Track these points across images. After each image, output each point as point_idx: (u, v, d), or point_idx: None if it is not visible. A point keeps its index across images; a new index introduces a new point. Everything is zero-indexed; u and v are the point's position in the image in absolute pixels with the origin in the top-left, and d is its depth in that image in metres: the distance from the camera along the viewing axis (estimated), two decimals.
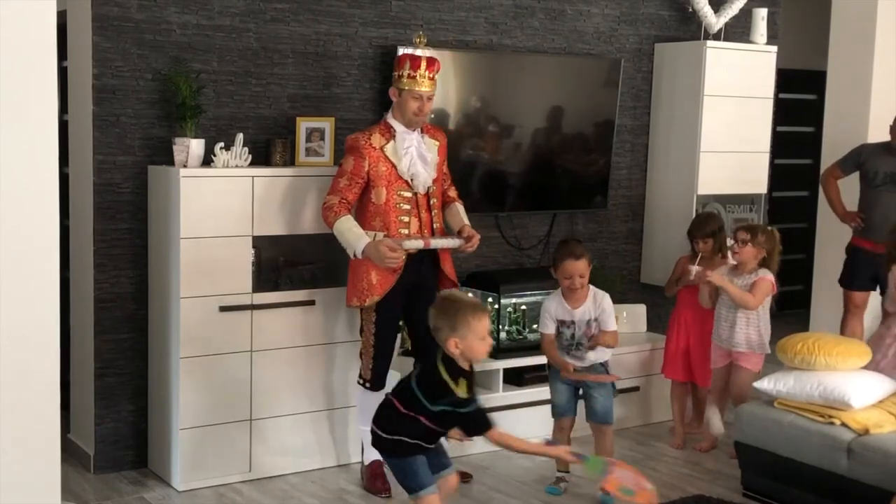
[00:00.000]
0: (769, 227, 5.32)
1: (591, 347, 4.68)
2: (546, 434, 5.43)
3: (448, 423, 3.70)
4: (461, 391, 3.61)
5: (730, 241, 5.40)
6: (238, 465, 4.80)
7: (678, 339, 5.53)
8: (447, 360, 3.65)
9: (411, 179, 4.58)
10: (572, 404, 4.81)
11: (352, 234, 4.50)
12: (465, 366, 3.65)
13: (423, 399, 3.65)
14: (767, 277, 5.16)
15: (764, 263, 5.19)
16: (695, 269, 5.36)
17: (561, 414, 4.81)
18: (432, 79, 4.57)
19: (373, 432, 3.82)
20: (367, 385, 4.67)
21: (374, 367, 4.65)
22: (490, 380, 5.33)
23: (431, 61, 4.57)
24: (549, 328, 4.75)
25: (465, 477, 4.87)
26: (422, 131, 4.67)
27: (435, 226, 4.69)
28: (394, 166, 4.56)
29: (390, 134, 4.58)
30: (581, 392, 4.79)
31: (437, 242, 4.65)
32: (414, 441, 3.72)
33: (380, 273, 4.53)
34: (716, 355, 5.32)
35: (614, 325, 4.76)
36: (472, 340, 3.60)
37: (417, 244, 4.56)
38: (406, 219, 4.58)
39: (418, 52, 4.59)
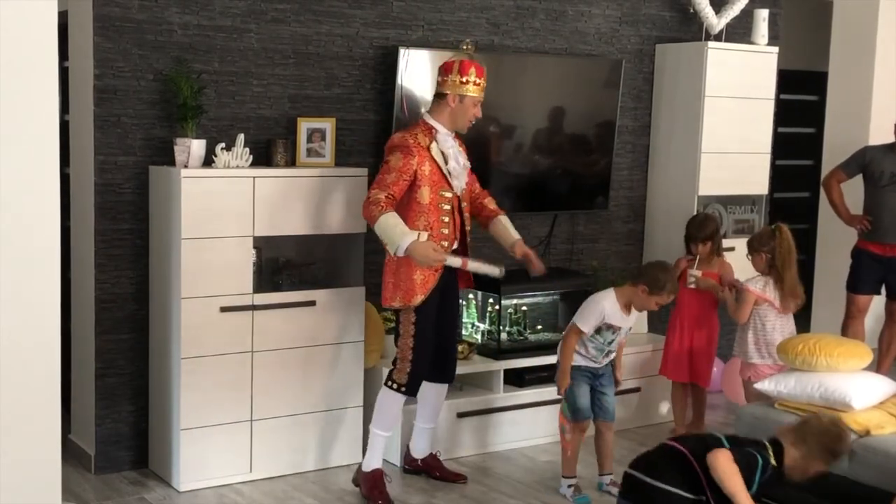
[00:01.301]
0: (770, 227, 5.29)
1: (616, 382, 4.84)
2: (546, 434, 5.45)
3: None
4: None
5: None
6: (239, 466, 4.80)
7: (680, 339, 5.52)
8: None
9: (454, 179, 4.58)
10: (591, 405, 4.81)
11: (398, 231, 4.38)
12: None
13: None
14: (749, 289, 5.17)
15: (773, 263, 5.17)
16: (694, 274, 5.36)
17: (584, 416, 4.75)
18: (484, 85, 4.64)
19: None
20: (403, 390, 4.58)
21: (412, 370, 4.55)
22: (491, 381, 5.33)
23: (482, 69, 4.63)
24: (589, 327, 4.63)
25: (458, 478, 4.87)
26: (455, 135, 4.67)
27: (467, 228, 4.69)
28: (437, 167, 4.53)
29: (432, 135, 4.56)
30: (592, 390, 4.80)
31: (473, 266, 4.59)
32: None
33: (423, 272, 4.48)
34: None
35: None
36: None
37: (456, 262, 4.53)
38: (447, 219, 4.57)
39: (473, 58, 4.63)
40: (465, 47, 4.71)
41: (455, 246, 4.64)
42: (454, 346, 4.85)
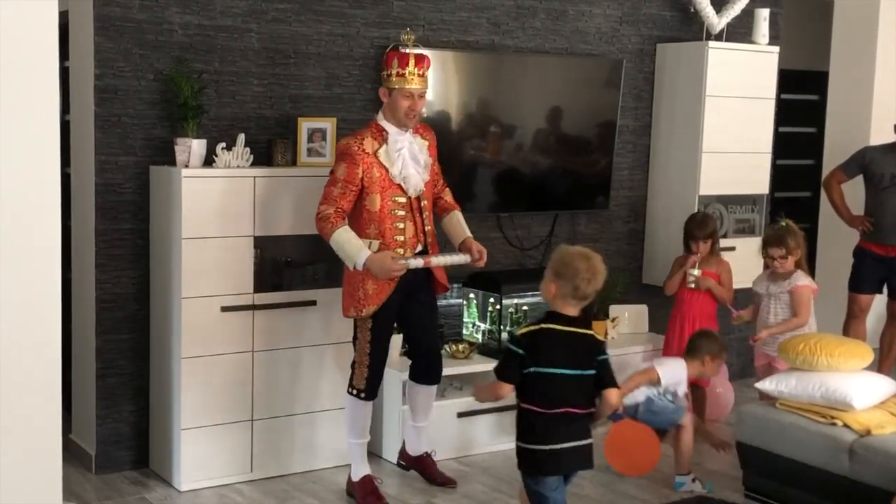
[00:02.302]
0: (784, 224, 5.19)
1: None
2: None
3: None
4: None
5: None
6: (239, 466, 4.80)
7: (679, 339, 5.51)
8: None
9: (403, 183, 4.44)
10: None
11: (351, 246, 4.32)
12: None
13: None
14: (804, 287, 5.08)
15: (800, 257, 5.15)
16: (694, 273, 5.35)
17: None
18: (422, 75, 4.41)
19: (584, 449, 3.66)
20: (362, 395, 4.54)
21: (369, 376, 4.52)
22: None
23: (420, 58, 4.42)
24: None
25: (448, 483, 4.83)
26: (413, 131, 4.51)
27: (427, 228, 4.55)
28: (387, 171, 4.41)
29: (382, 137, 4.42)
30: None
31: (438, 261, 4.51)
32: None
33: (376, 283, 4.40)
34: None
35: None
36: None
37: (418, 263, 4.42)
38: (401, 225, 4.45)
39: (406, 51, 4.43)
40: (404, 37, 4.52)
41: (419, 248, 4.53)
42: (436, 348, 4.77)
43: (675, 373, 4.83)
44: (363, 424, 4.60)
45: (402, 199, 4.45)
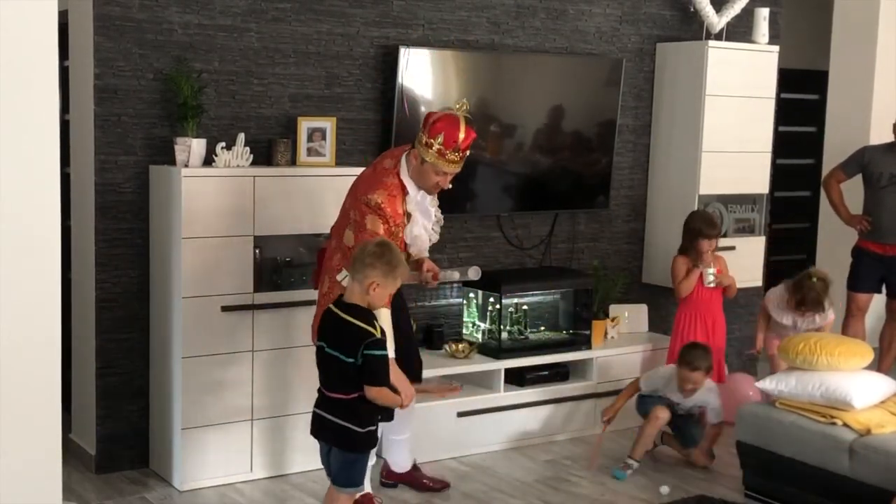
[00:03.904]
0: (814, 280, 5.31)
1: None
2: (547, 433, 5.45)
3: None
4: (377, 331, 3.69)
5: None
6: (239, 465, 4.80)
7: (704, 336, 5.44)
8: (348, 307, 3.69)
9: (411, 243, 4.23)
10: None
11: (390, 333, 3.97)
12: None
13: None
14: (832, 319, 5.41)
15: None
16: (712, 272, 5.33)
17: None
18: (463, 156, 4.13)
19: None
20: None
21: None
22: (492, 380, 5.33)
23: (468, 135, 4.09)
24: (647, 388, 5.17)
25: (443, 485, 4.76)
26: None
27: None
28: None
29: (403, 193, 4.15)
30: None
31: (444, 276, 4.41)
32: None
33: None
34: None
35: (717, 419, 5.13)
36: (387, 292, 3.71)
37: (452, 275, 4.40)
38: None
39: (456, 122, 4.11)
40: (458, 106, 4.18)
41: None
42: (415, 348, 4.59)
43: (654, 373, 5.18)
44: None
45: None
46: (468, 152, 4.22)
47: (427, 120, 4.17)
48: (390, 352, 3.85)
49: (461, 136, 4.07)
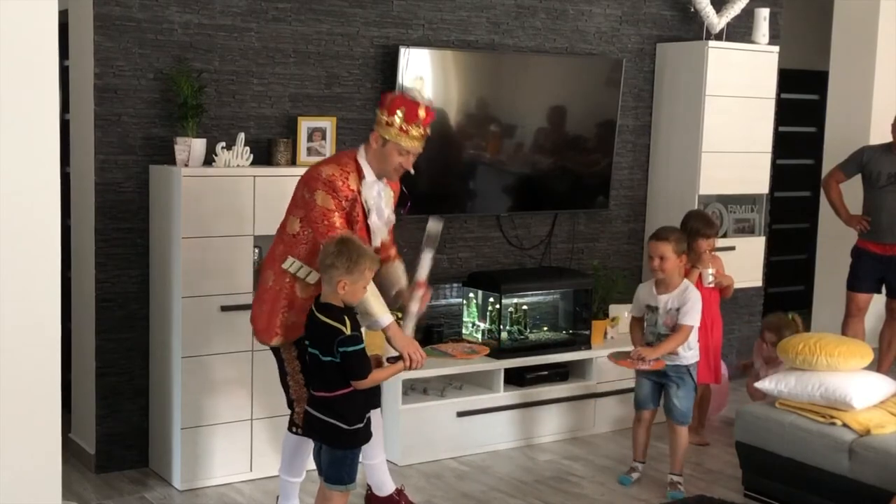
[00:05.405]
0: (787, 317, 5.45)
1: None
2: (547, 433, 5.45)
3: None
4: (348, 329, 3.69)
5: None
6: (239, 465, 4.80)
7: (705, 336, 5.40)
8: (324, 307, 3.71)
9: (372, 233, 4.06)
10: (653, 397, 4.89)
11: (379, 304, 3.87)
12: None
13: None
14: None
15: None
16: (711, 273, 5.34)
17: (641, 406, 4.92)
18: (425, 134, 4.02)
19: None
20: (301, 431, 4.06)
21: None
22: (491, 380, 5.33)
23: (429, 113, 4.00)
24: (635, 311, 4.93)
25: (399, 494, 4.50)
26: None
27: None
28: (365, 215, 4.03)
29: (359, 177, 4.00)
30: (663, 388, 4.85)
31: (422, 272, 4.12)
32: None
33: (306, 309, 3.87)
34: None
35: (689, 322, 4.74)
36: (359, 286, 3.70)
37: (413, 313, 4.08)
38: None
39: (415, 97, 4.02)
40: (413, 85, 4.18)
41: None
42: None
43: (639, 290, 4.99)
44: (303, 463, 4.21)
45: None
46: (429, 131, 4.06)
47: (384, 100, 4.05)
48: (384, 317, 3.87)
49: (421, 112, 3.98)
